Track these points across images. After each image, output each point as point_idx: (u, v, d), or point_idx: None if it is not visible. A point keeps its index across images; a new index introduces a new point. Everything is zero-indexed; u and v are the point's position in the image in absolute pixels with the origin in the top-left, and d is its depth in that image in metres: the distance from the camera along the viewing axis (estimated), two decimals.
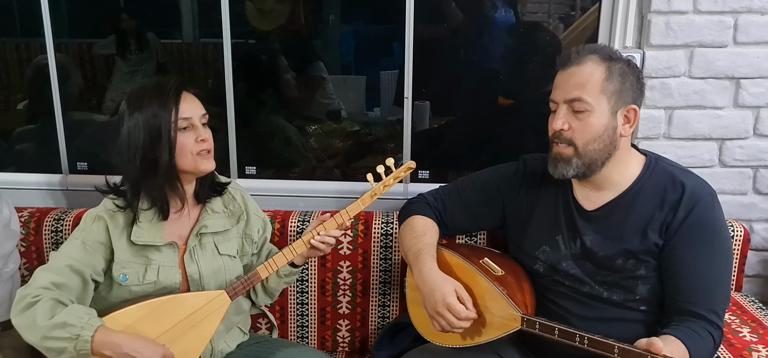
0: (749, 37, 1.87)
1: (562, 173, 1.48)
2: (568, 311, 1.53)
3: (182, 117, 1.50)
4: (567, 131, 1.44)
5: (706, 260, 1.42)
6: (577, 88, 1.42)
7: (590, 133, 1.42)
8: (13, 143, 2.40)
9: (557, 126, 1.44)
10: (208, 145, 1.54)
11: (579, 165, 1.45)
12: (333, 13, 2.44)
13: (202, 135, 1.53)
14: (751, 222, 2.04)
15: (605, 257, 1.48)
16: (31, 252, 1.96)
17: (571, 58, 1.45)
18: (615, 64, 1.43)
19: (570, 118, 1.44)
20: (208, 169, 1.56)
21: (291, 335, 1.99)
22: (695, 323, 1.39)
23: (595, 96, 1.41)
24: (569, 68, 1.44)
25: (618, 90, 1.42)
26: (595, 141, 1.43)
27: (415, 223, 1.69)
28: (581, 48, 1.46)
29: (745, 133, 1.96)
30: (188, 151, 1.51)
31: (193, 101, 1.54)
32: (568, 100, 1.43)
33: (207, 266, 1.59)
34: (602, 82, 1.41)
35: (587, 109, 1.41)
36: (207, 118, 1.56)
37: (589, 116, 1.42)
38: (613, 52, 1.46)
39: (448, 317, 1.49)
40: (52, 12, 2.11)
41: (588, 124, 1.42)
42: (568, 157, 1.46)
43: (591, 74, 1.41)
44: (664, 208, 1.44)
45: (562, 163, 1.47)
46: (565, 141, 1.45)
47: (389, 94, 2.32)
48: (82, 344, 1.37)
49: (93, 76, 2.41)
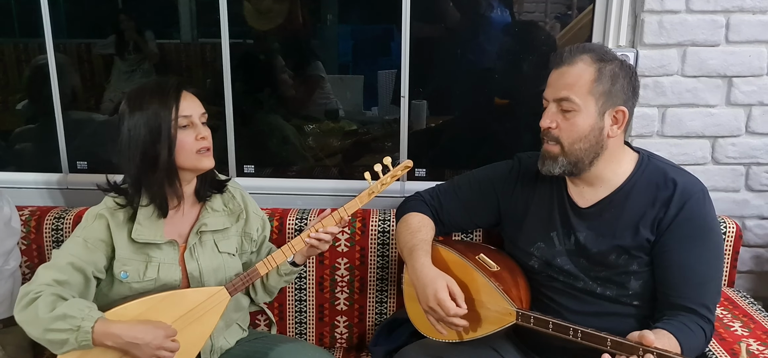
0: (741, 36, 1.88)
1: (549, 170, 1.49)
2: (562, 305, 1.55)
3: (182, 115, 1.51)
4: (554, 129, 1.45)
5: (697, 255, 1.43)
6: (566, 87, 1.43)
7: (576, 133, 1.43)
8: (13, 143, 2.41)
9: (545, 124, 1.46)
10: (207, 143, 1.56)
11: (565, 163, 1.47)
12: (331, 13, 2.44)
13: (201, 133, 1.54)
14: (744, 218, 2.06)
15: (598, 253, 1.50)
16: (32, 250, 1.97)
17: (563, 58, 1.45)
18: (606, 66, 1.43)
19: (558, 116, 1.45)
20: (207, 167, 1.58)
21: (289, 332, 2.00)
22: (686, 317, 1.41)
23: (582, 97, 1.42)
24: (561, 67, 1.45)
25: (607, 91, 1.42)
26: (580, 141, 1.44)
27: (410, 220, 1.70)
28: (575, 47, 1.47)
29: (737, 131, 1.98)
30: (188, 149, 1.53)
31: (193, 100, 1.56)
32: (557, 99, 1.44)
33: (207, 263, 1.60)
34: (591, 83, 1.42)
35: (574, 109, 1.42)
36: (206, 117, 1.58)
37: (575, 116, 1.43)
38: (606, 53, 1.46)
39: (439, 312, 1.51)
40: (51, 12, 2.12)
41: (574, 124, 1.43)
42: (555, 154, 1.47)
43: (580, 75, 1.42)
44: (656, 204, 1.45)
45: (549, 161, 1.49)
46: (553, 139, 1.47)
47: (387, 94, 2.33)
48: (83, 335, 1.38)
49: (91, 75, 2.42)
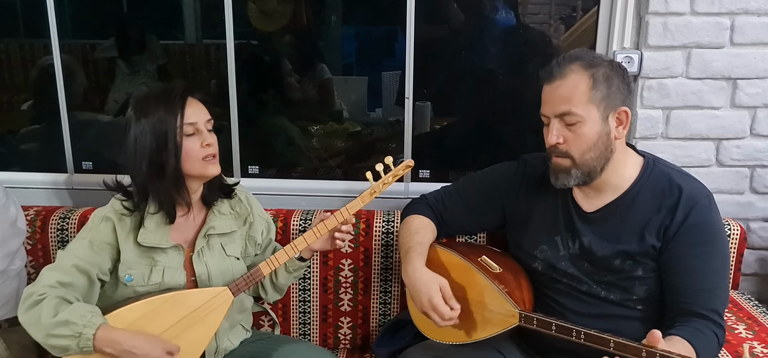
0: (746, 38, 1.88)
1: (564, 183, 1.48)
2: (566, 307, 1.55)
3: (188, 122, 1.51)
4: (562, 145, 1.44)
5: (705, 261, 1.43)
6: (564, 101, 1.41)
7: (585, 143, 1.42)
8: (18, 143, 2.42)
9: (552, 141, 1.44)
10: (213, 150, 1.55)
11: (579, 175, 1.45)
12: (335, 14, 2.44)
13: (207, 140, 1.54)
14: (748, 221, 2.05)
15: (603, 257, 1.49)
16: (37, 250, 1.98)
17: (553, 72, 1.43)
18: (598, 70, 1.41)
19: (563, 131, 1.43)
20: (213, 174, 1.57)
21: (293, 333, 2.00)
22: (699, 322, 1.40)
23: (583, 106, 1.40)
24: (554, 82, 1.43)
25: (605, 96, 1.41)
26: (591, 150, 1.43)
27: (411, 222, 1.71)
28: (562, 58, 1.45)
29: (742, 133, 1.97)
30: (194, 157, 1.52)
31: (199, 106, 1.55)
32: (558, 114, 1.43)
33: (215, 266, 1.61)
34: (588, 91, 1.40)
35: (578, 120, 1.41)
36: (212, 124, 1.58)
37: (581, 127, 1.41)
38: (594, 57, 1.45)
39: (433, 316, 1.51)
40: (56, 13, 2.12)
41: (581, 134, 1.42)
42: (567, 168, 1.46)
43: (576, 86, 1.41)
44: (662, 211, 1.45)
45: (562, 175, 1.47)
46: (562, 154, 1.45)
47: (391, 95, 2.33)
48: (85, 342, 1.39)
49: (96, 76, 2.43)
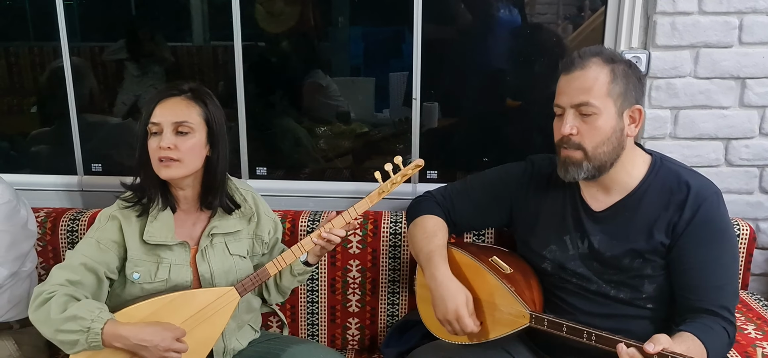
0: (754, 37, 1.87)
1: (574, 176, 1.47)
2: (576, 307, 1.54)
3: (152, 121, 1.52)
4: (576, 136, 1.44)
5: (715, 257, 1.43)
6: (583, 92, 1.42)
7: (599, 136, 1.42)
8: (28, 145, 2.43)
9: (566, 131, 1.44)
10: (167, 154, 1.50)
11: (589, 168, 1.45)
12: (342, 15, 2.44)
13: (164, 142, 1.50)
14: (758, 221, 2.04)
15: (612, 256, 1.49)
16: (48, 252, 1.99)
17: (575, 62, 1.44)
18: (618, 66, 1.43)
19: (578, 122, 1.44)
20: (166, 177, 1.54)
21: (301, 333, 2.01)
22: (709, 319, 1.40)
23: (602, 99, 1.41)
24: (573, 72, 1.44)
25: (623, 91, 1.42)
26: (604, 144, 1.43)
27: (426, 222, 1.69)
28: (583, 51, 1.46)
29: (750, 133, 1.96)
30: (152, 156, 1.53)
31: (172, 108, 1.53)
32: (575, 104, 1.43)
33: (218, 265, 1.61)
34: (608, 84, 1.41)
35: (595, 112, 1.41)
36: (188, 127, 1.53)
37: (597, 119, 1.42)
38: (614, 54, 1.46)
39: (455, 326, 1.52)
40: (65, 16, 2.14)
41: (596, 127, 1.42)
42: (578, 160, 1.45)
43: (596, 77, 1.42)
44: (670, 208, 1.45)
45: (572, 167, 1.47)
46: (574, 145, 1.45)
47: (398, 96, 2.33)
48: (93, 337, 1.40)
49: (105, 78, 2.44)
